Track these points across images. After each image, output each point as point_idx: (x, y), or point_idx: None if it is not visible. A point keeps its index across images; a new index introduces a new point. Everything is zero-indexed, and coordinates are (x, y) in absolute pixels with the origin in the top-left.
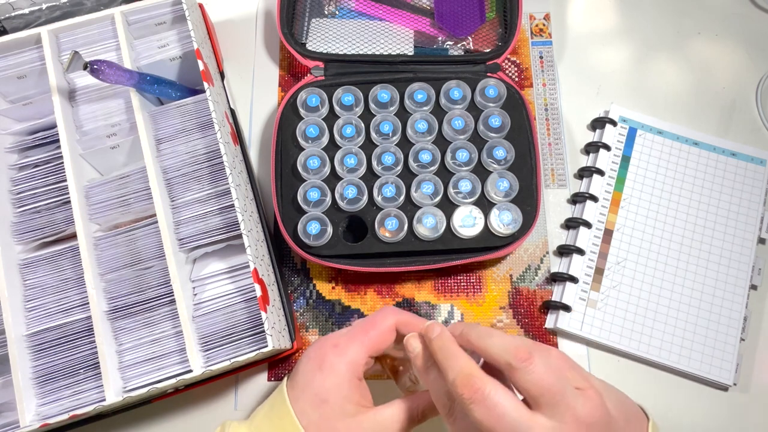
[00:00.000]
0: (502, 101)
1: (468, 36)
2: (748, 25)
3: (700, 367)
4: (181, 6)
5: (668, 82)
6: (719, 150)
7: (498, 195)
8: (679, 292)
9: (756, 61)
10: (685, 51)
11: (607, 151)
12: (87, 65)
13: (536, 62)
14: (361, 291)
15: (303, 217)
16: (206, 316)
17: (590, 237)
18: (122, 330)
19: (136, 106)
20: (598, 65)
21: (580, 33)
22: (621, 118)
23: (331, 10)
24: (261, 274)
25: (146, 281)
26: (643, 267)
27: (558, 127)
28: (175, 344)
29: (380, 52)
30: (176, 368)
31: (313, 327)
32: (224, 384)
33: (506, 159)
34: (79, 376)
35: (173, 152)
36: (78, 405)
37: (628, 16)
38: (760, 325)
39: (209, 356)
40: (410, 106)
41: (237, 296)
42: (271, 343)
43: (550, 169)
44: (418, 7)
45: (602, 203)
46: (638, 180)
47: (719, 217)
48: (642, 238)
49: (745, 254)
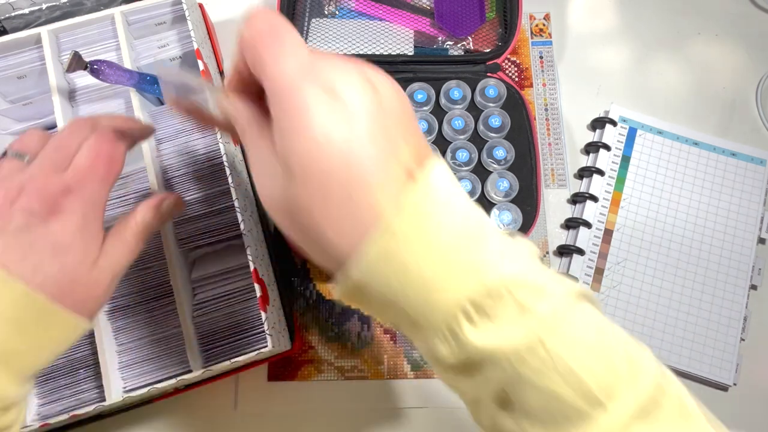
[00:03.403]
0: (502, 101)
1: (468, 36)
2: (748, 25)
3: (700, 367)
4: (181, 6)
5: (668, 82)
6: (719, 150)
7: (498, 195)
8: (679, 292)
9: (756, 61)
10: (685, 51)
11: (607, 151)
12: (87, 65)
13: (536, 62)
14: None
15: None
16: (206, 316)
17: (590, 237)
18: (122, 330)
19: (136, 106)
20: (598, 65)
21: (580, 33)
22: (621, 118)
23: (331, 10)
24: (261, 274)
25: (146, 281)
26: (643, 267)
27: (558, 127)
28: (175, 344)
29: (380, 52)
30: (176, 368)
31: (313, 327)
32: (224, 384)
33: (506, 159)
34: (79, 375)
35: (173, 152)
36: (78, 405)
37: (628, 16)
38: (760, 325)
39: (209, 356)
40: None
41: (237, 296)
42: (271, 343)
43: (550, 169)
44: (418, 7)
45: (602, 203)
46: (638, 180)
47: (719, 217)
48: (642, 238)
49: (745, 254)
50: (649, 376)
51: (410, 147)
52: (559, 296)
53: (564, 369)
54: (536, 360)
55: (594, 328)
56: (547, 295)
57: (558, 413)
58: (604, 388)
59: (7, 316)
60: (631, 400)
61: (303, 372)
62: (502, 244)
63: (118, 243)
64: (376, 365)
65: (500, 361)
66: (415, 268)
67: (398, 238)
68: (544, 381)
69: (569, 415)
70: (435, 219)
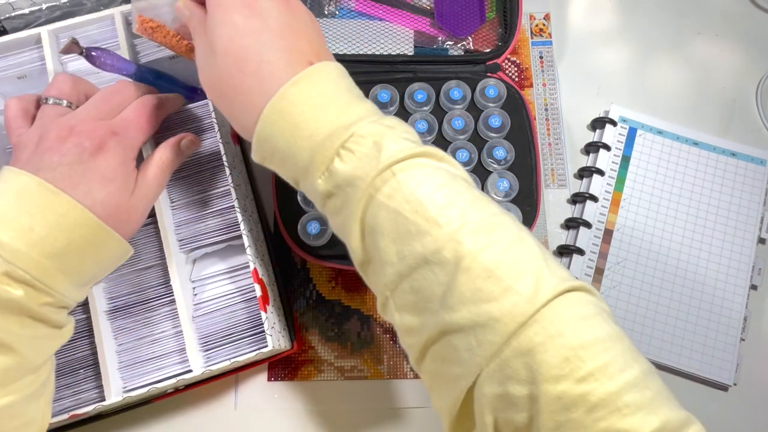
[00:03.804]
0: (502, 101)
1: (468, 36)
2: (748, 25)
3: (700, 367)
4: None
5: (668, 82)
6: (719, 150)
7: (498, 195)
8: (679, 292)
9: (756, 61)
10: (685, 51)
11: (607, 151)
12: (83, 50)
13: (536, 62)
14: (361, 291)
15: (303, 217)
16: (206, 316)
17: (590, 237)
18: (122, 330)
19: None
20: (598, 65)
21: (580, 33)
22: (621, 118)
23: (331, 10)
24: (261, 274)
25: (146, 281)
26: (643, 267)
27: (558, 127)
28: (175, 344)
29: (380, 52)
30: (176, 368)
31: (313, 327)
32: (224, 384)
33: (506, 159)
34: (78, 375)
35: None
36: (78, 405)
37: (628, 16)
38: (760, 325)
39: (209, 356)
40: (410, 106)
41: (237, 296)
42: (270, 343)
43: (550, 169)
44: (418, 7)
45: (602, 203)
46: (638, 180)
47: (719, 217)
48: (642, 238)
49: (745, 254)
50: (483, 208)
51: (312, 46)
52: (409, 147)
53: (410, 195)
54: (387, 187)
55: (443, 175)
56: (400, 142)
57: (403, 230)
58: (441, 212)
59: (63, 228)
60: (463, 220)
61: (303, 372)
62: (375, 115)
63: (148, 176)
64: (376, 365)
65: (356, 181)
66: (303, 124)
67: (290, 101)
68: (393, 204)
69: (412, 230)
70: (320, 90)
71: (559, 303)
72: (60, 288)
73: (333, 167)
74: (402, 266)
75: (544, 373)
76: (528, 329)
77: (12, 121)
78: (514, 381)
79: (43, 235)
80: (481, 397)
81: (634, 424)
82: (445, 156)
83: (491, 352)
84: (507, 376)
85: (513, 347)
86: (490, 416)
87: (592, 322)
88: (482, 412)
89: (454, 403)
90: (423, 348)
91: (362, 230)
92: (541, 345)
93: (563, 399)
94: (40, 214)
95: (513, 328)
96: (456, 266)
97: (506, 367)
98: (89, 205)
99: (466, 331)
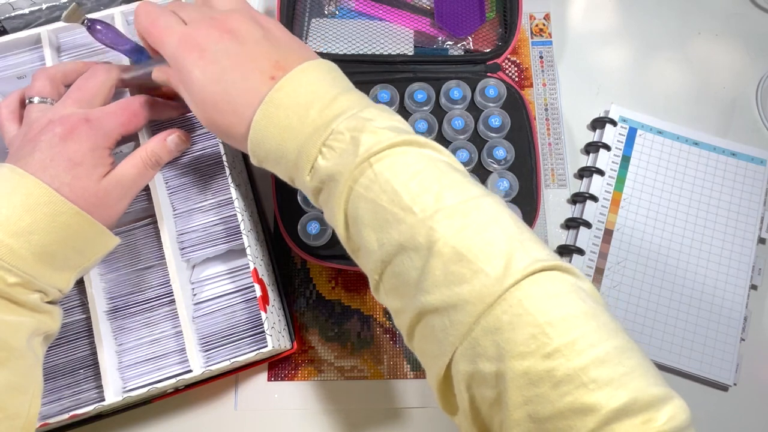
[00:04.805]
0: (502, 101)
1: (468, 36)
2: (748, 25)
3: (700, 367)
4: None
5: (668, 82)
6: (719, 150)
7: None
8: (679, 292)
9: (756, 61)
10: (685, 51)
11: (607, 151)
12: (85, 20)
13: (536, 62)
14: (361, 291)
15: (303, 217)
16: (206, 316)
17: (590, 237)
18: (122, 330)
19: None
20: (598, 65)
21: (580, 33)
22: (621, 118)
23: (331, 10)
24: (261, 274)
25: (146, 281)
26: (643, 267)
27: (558, 127)
28: (174, 344)
29: (380, 52)
30: (176, 368)
31: (313, 327)
32: (224, 384)
33: (506, 159)
34: (78, 375)
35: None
36: (78, 405)
37: (628, 16)
38: (760, 325)
39: (209, 356)
40: (410, 106)
41: (237, 296)
42: (270, 343)
43: (550, 169)
44: (418, 7)
45: (602, 203)
46: (638, 180)
47: (719, 217)
48: (642, 238)
49: (745, 254)
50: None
51: (270, 60)
52: (387, 138)
53: (385, 185)
54: (365, 179)
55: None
56: (379, 133)
57: (381, 219)
58: (416, 200)
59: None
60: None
61: (303, 372)
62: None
63: (128, 164)
64: (376, 365)
65: (337, 176)
66: (288, 126)
67: (276, 106)
68: (371, 195)
69: (389, 219)
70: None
71: (528, 282)
72: (28, 268)
73: (317, 164)
74: (383, 253)
75: (511, 350)
76: (496, 308)
77: (3, 126)
78: (484, 358)
79: (8, 215)
80: (457, 374)
81: (600, 398)
82: (428, 142)
83: (462, 332)
84: (477, 354)
85: (482, 326)
86: (465, 393)
87: (563, 299)
88: (460, 389)
89: (437, 380)
90: (409, 328)
91: (346, 221)
92: (508, 323)
93: (529, 374)
94: (6, 197)
95: (482, 308)
96: (429, 251)
97: (476, 345)
98: (56, 187)
99: (440, 312)
